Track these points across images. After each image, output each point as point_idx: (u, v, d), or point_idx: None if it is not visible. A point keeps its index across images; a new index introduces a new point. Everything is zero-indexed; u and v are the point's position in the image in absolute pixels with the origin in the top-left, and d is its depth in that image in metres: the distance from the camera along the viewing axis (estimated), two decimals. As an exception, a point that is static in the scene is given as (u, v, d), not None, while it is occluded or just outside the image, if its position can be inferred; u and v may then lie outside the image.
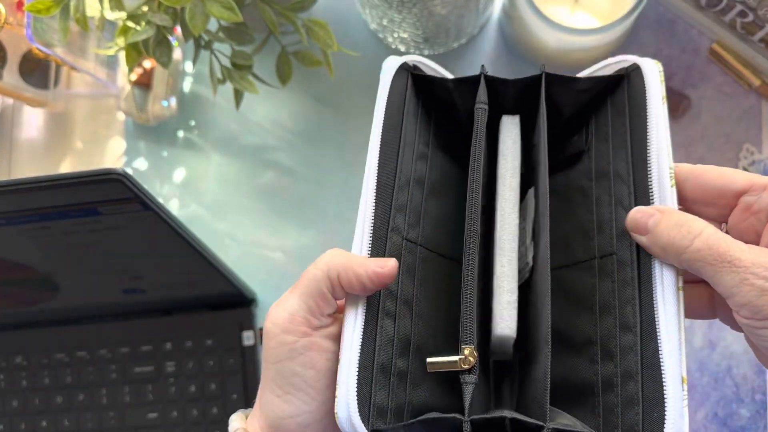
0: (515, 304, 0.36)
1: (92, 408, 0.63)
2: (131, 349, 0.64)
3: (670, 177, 0.34)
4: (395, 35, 0.63)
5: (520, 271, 0.38)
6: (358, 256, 0.34)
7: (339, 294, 0.34)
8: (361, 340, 0.32)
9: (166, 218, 0.49)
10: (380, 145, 0.37)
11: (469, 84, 0.38)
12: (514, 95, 0.39)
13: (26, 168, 0.70)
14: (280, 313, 0.33)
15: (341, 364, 0.32)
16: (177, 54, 0.67)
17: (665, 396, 0.30)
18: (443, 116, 0.41)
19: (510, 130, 0.38)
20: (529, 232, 0.39)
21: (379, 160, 0.36)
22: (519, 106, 0.39)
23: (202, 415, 0.62)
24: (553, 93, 0.37)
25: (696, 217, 0.32)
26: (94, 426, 0.63)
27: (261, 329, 0.63)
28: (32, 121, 0.71)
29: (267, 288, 0.65)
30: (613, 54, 0.63)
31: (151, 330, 0.64)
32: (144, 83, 0.66)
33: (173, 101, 0.67)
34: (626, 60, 0.38)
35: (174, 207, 0.67)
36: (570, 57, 0.61)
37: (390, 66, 0.38)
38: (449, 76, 0.40)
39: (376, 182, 0.36)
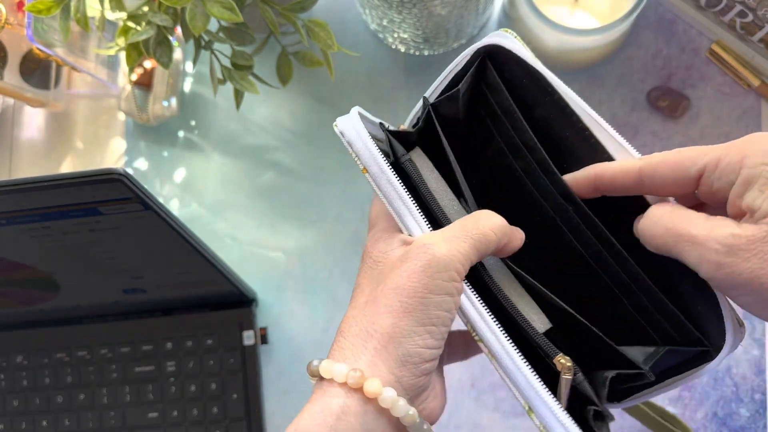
0: (540, 310, 0.38)
1: (93, 408, 0.63)
2: (132, 349, 0.64)
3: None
4: (395, 35, 0.63)
5: None
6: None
7: None
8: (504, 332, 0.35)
9: (166, 218, 0.49)
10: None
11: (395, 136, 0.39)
12: (424, 129, 0.40)
13: (27, 168, 0.70)
14: (454, 253, 0.33)
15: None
16: (177, 54, 0.67)
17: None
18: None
19: (424, 164, 0.40)
20: None
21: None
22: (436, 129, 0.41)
23: (203, 414, 0.62)
24: (445, 113, 0.39)
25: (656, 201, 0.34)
26: (94, 426, 0.63)
27: (262, 329, 0.64)
28: (33, 121, 0.71)
29: (267, 288, 0.65)
30: (612, 54, 0.63)
31: (151, 330, 0.64)
32: (144, 83, 0.66)
33: (174, 101, 0.67)
34: (475, 46, 0.39)
35: (174, 207, 0.67)
36: (570, 57, 0.61)
37: (356, 127, 0.37)
38: (374, 119, 0.40)
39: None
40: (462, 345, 0.42)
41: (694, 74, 0.63)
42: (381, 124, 0.38)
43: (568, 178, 0.37)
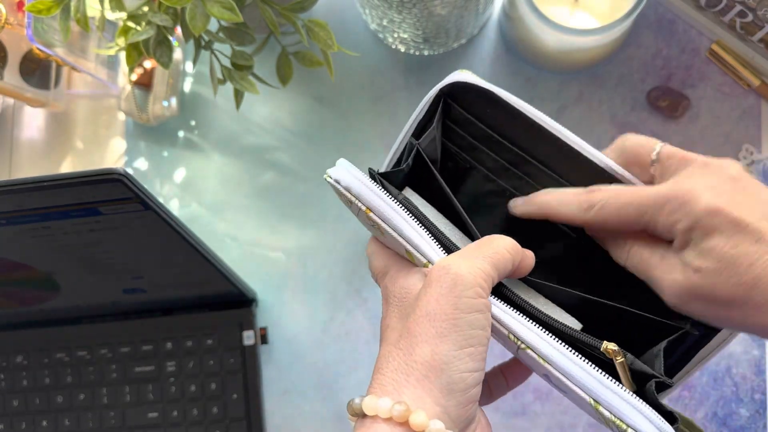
0: (567, 313, 0.39)
1: (93, 408, 0.63)
2: (132, 349, 0.64)
3: None
4: (395, 35, 0.63)
5: None
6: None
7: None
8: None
9: (166, 218, 0.49)
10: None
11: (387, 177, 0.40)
12: (413, 167, 0.40)
13: (27, 168, 0.70)
14: (475, 270, 0.33)
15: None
16: (177, 54, 0.67)
17: None
18: None
19: (418, 200, 0.40)
20: None
21: None
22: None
23: (203, 414, 0.62)
24: (427, 154, 0.39)
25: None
26: (94, 426, 0.63)
27: (262, 329, 0.64)
28: (33, 121, 0.71)
29: (267, 288, 0.65)
30: (612, 54, 0.63)
31: (151, 330, 0.64)
32: (144, 83, 0.66)
33: (174, 101, 0.67)
34: (435, 89, 0.40)
35: (174, 207, 0.67)
36: (570, 57, 0.61)
37: (352, 171, 0.37)
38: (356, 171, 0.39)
39: None
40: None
41: (694, 74, 0.63)
42: (370, 169, 0.39)
43: (519, 208, 0.39)
